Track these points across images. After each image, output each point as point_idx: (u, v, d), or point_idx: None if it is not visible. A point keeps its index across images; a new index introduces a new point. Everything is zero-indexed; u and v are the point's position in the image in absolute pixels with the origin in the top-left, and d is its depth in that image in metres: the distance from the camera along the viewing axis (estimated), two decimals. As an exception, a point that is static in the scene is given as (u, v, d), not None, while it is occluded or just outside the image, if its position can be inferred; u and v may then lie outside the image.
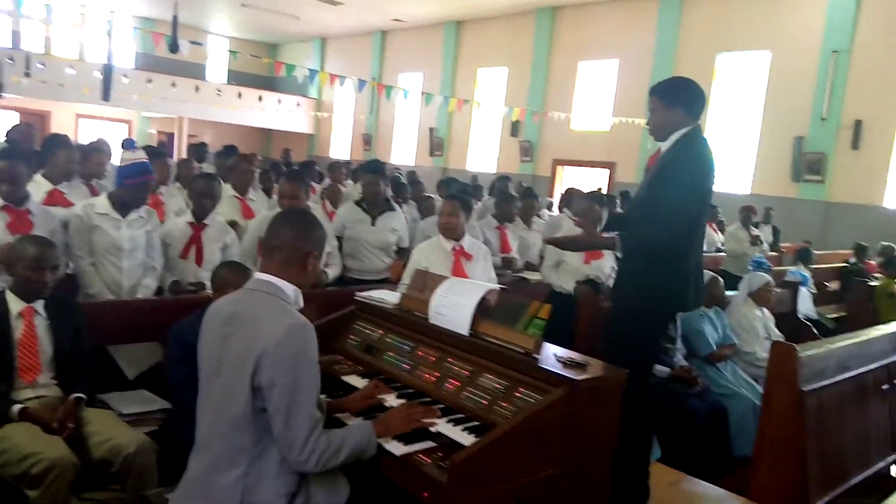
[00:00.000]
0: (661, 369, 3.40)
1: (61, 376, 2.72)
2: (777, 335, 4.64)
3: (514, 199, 5.82)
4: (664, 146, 2.71)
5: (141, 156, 3.60)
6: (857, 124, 9.93)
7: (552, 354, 2.21)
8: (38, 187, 3.98)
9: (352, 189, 7.17)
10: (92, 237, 3.47)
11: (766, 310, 4.70)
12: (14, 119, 13.50)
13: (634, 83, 12.09)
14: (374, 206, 4.74)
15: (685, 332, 4.10)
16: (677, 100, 2.66)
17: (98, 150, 5.08)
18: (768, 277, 4.75)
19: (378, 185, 4.75)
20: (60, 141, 4.60)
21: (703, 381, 4.00)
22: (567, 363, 2.13)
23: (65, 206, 3.98)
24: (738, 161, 11.42)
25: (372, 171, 4.90)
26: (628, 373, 2.18)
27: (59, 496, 2.28)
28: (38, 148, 4.69)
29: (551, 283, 4.72)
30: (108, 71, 7.25)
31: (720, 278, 4.59)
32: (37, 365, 2.66)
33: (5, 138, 5.77)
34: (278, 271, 1.96)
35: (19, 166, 3.23)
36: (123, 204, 3.55)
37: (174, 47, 6.55)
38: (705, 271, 3.25)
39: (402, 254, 4.79)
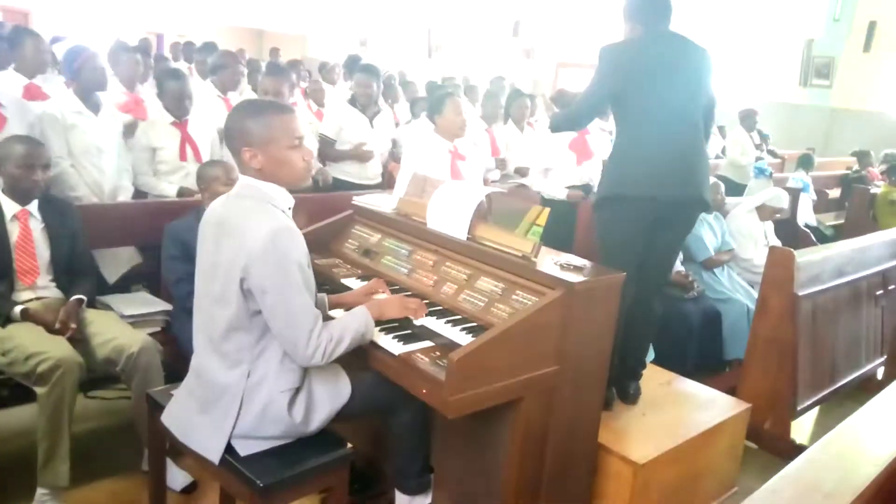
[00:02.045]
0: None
1: (60, 278, 2.74)
2: (776, 242, 4.65)
3: (496, 100, 5.69)
4: None
5: (72, 44, 3.51)
6: (871, 26, 9.58)
7: (550, 258, 2.21)
8: (12, 82, 3.86)
9: (339, 88, 6.96)
10: (69, 137, 3.34)
11: (766, 219, 4.70)
12: (-4, 17, 12.95)
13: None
14: (368, 107, 4.63)
15: (683, 237, 4.10)
16: (631, 14, 2.80)
17: (33, 35, 4.79)
18: (786, 205, 4.70)
19: (371, 85, 4.62)
20: (26, 31, 4.39)
21: (699, 286, 4.04)
22: (564, 266, 2.12)
23: (43, 99, 3.85)
24: (744, 65, 11.08)
25: (365, 70, 4.76)
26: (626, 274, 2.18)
27: (66, 393, 2.34)
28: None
29: (540, 190, 4.61)
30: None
31: (721, 184, 4.56)
32: (35, 267, 2.67)
33: None
34: (249, 172, 1.90)
35: None
36: (86, 93, 3.41)
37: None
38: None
39: (395, 154, 4.74)
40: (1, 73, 4.03)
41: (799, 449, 3.17)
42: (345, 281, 2.53)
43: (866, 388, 3.72)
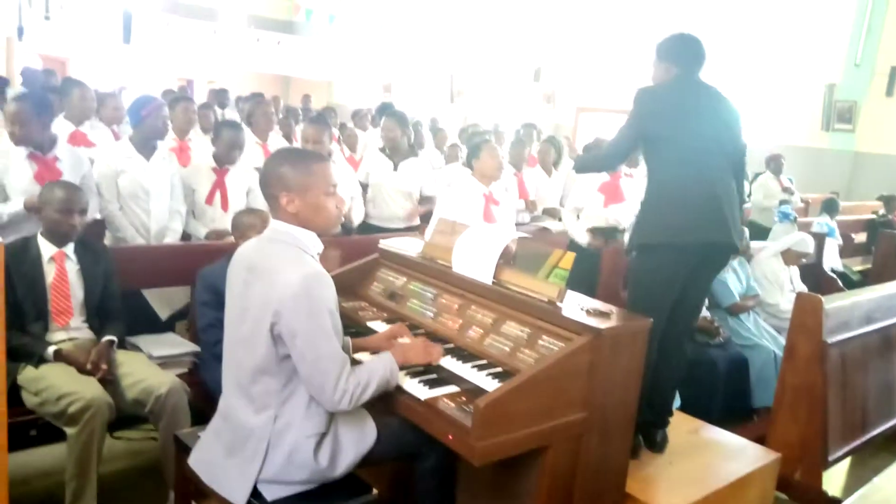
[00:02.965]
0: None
1: (92, 319, 2.80)
2: (802, 287, 4.60)
3: (524, 144, 5.80)
4: None
5: (139, 94, 3.66)
6: (893, 70, 9.59)
7: (575, 303, 2.22)
8: (60, 129, 4.03)
9: (371, 134, 7.14)
10: (118, 182, 3.51)
11: (792, 264, 4.66)
12: (36, 65, 13.47)
13: (660, 27, 11.73)
14: (396, 152, 4.73)
15: (708, 282, 4.08)
16: (667, 54, 2.82)
17: (112, 95, 5.11)
18: (811, 249, 4.66)
19: (395, 130, 4.74)
20: (74, 81, 4.62)
21: (724, 332, 4.00)
22: (590, 312, 2.13)
23: (87, 146, 4.03)
24: (765, 109, 11.12)
25: (390, 116, 4.88)
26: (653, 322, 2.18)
27: (95, 434, 2.37)
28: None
29: (570, 232, 4.65)
30: (127, 15, 7.17)
31: (745, 229, 4.54)
32: (69, 308, 2.73)
33: (21, 82, 5.77)
34: (278, 217, 1.95)
35: (29, 106, 3.10)
36: (145, 141, 3.57)
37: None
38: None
39: (425, 201, 4.80)
40: None
41: (831, 501, 3.09)
42: (370, 324, 2.55)
43: (900, 439, 3.62)
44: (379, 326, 2.51)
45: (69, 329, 2.73)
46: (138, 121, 3.58)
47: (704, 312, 4.00)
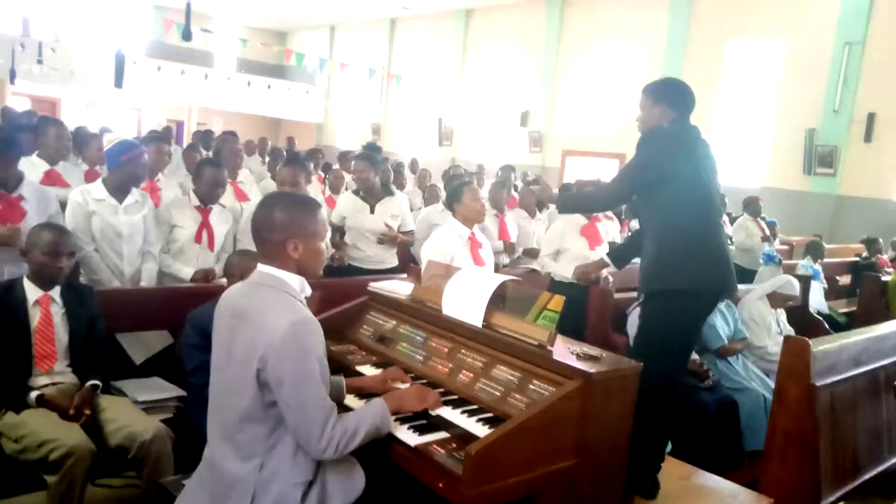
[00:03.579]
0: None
1: (76, 364, 2.76)
2: (789, 330, 4.63)
3: (503, 185, 5.86)
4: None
5: (119, 136, 3.63)
6: (871, 117, 9.84)
7: (566, 347, 2.21)
8: (34, 168, 4.01)
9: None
10: (90, 223, 3.44)
11: (779, 307, 4.69)
12: (26, 106, 13.52)
13: (645, 72, 12.01)
14: (370, 193, 4.69)
15: (696, 325, 4.10)
16: (663, 97, 2.84)
17: (96, 136, 5.10)
18: (797, 292, 4.70)
19: (367, 171, 4.65)
20: (50, 120, 4.60)
21: (713, 375, 4.00)
22: (581, 356, 2.13)
23: (62, 186, 3.96)
24: (748, 153, 11.35)
25: (361, 158, 4.86)
26: (654, 367, 2.18)
27: (76, 482, 2.31)
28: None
29: (550, 271, 4.67)
30: (119, 59, 7.23)
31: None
32: (52, 353, 2.69)
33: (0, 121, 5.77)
34: (272, 262, 1.94)
35: None
36: (120, 186, 3.52)
37: (187, 35, 6.53)
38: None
39: (406, 236, 4.79)
40: (24, 160, 4.14)
41: (825, 548, 3.05)
42: (360, 368, 2.52)
43: (893, 483, 3.60)
44: (368, 371, 2.49)
45: (52, 374, 2.69)
46: (117, 165, 3.50)
47: (693, 355, 4.00)
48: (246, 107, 17.15)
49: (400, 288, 2.92)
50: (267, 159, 8.46)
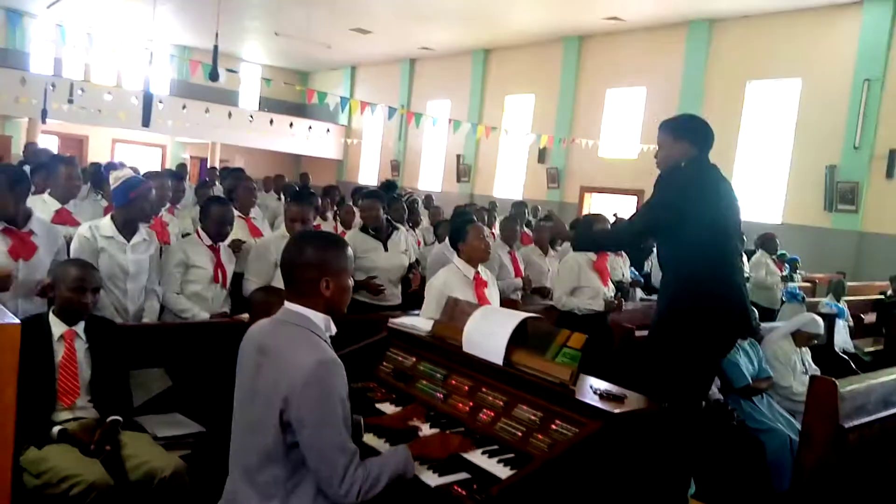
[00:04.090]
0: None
1: (98, 399, 2.76)
2: (814, 369, 4.54)
3: (515, 221, 5.87)
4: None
5: (128, 172, 3.64)
6: (892, 154, 9.78)
7: (588, 386, 2.19)
8: (45, 206, 4.01)
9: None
10: (97, 260, 3.35)
11: (803, 346, 4.62)
12: (54, 143, 13.88)
13: (662, 111, 12.02)
14: (379, 230, 4.67)
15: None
16: (683, 133, 2.85)
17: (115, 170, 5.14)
18: (822, 330, 4.63)
19: (375, 208, 4.66)
20: (62, 159, 4.59)
21: (738, 415, 3.92)
22: (604, 395, 2.10)
23: (73, 224, 3.95)
24: (768, 190, 11.29)
25: (370, 196, 4.87)
26: (673, 404, 2.15)
27: (95, 519, 2.30)
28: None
29: (571, 308, 4.54)
30: (147, 98, 7.42)
31: (754, 309, 4.52)
32: (75, 388, 2.71)
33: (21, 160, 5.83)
34: (301, 299, 1.94)
35: (2, 180, 3.00)
36: (128, 223, 3.48)
37: (214, 76, 6.70)
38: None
39: (413, 267, 4.79)
40: (34, 197, 3.98)
41: None
42: (379, 406, 2.51)
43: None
44: (387, 408, 2.48)
45: (75, 409, 2.70)
46: (125, 202, 3.47)
47: (717, 395, 3.94)
48: (268, 144, 17.45)
49: (419, 324, 2.92)
50: (282, 196, 8.54)
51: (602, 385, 2.22)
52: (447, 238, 4.43)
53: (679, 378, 2.63)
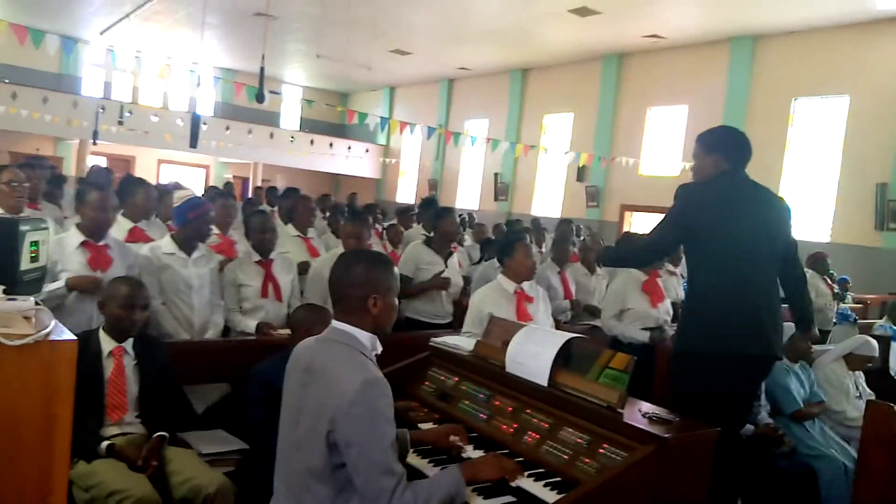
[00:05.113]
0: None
1: (145, 414, 2.80)
2: (868, 394, 4.37)
3: (567, 240, 5.80)
4: None
5: (189, 193, 3.77)
6: (947, 172, 9.47)
7: (636, 409, 2.14)
8: (118, 226, 4.17)
9: (414, 231, 7.26)
10: (161, 278, 3.54)
11: (856, 369, 4.45)
12: (103, 164, 14.31)
13: (705, 128, 11.87)
14: (444, 247, 4.75)
15: (769, 387, 3.91)
16: (717, 146, 2.76)
17: (170, 192, 5.30)
18: (876, 353, 4.47)
19: (455, 224, 4.83)
20: (138, 181, 4.80)
21: (789, 441, 3.79)
22: (653, 419, 2.05)
23: (146, 241, 4.13)
24: (816, 208, 11.01)
25: (450, 212, 4.96)
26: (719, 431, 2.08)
27: (142, 534, 2.32)
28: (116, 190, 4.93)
29: (616, 333, 4.45)
30: (195, 120, 7.63)
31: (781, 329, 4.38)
32: (124, 404, 2.75)
33: (85, 180, 6.09)
34: (349, 317, 1.94)
35: (113, 196, 3.34)
36: (188, 241, 3.63)
37: (260, 98, 6.89)
38: (788, 324, 3.12)
39: (467, 291, 4.82)
40: None
41: None
42: (422, 426, 2.49)
43: None
44: (429, 427, 2.45)
45: (122, 424, 2.74)
46: (184, 222, 3.65)
47: (767, 419, 3.81)
48: (308, 164, 17.73)
49: (462, 343, 2.90)
50: (327, 214, 8.67)
51: (650, 408, 2.17)
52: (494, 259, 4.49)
53: (702, 408, 2.53)
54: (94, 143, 13.03)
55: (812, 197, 11.10)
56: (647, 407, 2.18)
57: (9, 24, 7.37)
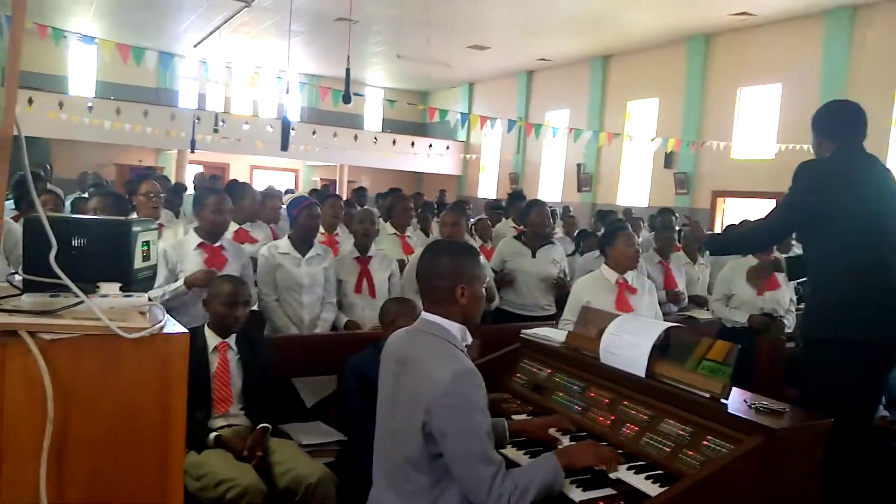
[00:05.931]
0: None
1: (249, 407, 2.93)
2: None
3: (671, 230, 5.60)
4: None
5: (294, 194, 3.99)
6: None
7: (741, 399, 2.05)
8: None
9: (503, 226, 7.25)
10: (276, 275, 3.75)
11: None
12: (199, 171, 15.06)
13: (801, 108, 11.22)
14: (534, 239, 4.76)
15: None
16: (821, 128, 2.67)
17: (271, 195, 5.57)
18: None
19: (545, 217, 4.82)
20: (243, 187, 5.12)
21: (909, 435, 3.53)
22: (761, 409, 1.95)
23: (251, 243, 4.41)
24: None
25: (542, 206, 4.96)
26: (834, 423, 1.96)
27: (249, 522, 2.42)
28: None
29: (722, 317, 4.45)
30: (285, 125, 7.93)
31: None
32: (229, 396, 2.88)
33: (194, 186, 6.47)
34: (438, 309, 1.95)
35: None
36: (301, 240, 3.83)
37: (347, 99, 7.15)
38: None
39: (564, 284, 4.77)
40: None
41: None
42: (515, 418, 2.48)
43: None
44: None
45: (228, 416, 2.87)
46: (292, 220, 3.91)
47: (883, 411, 3.57)
48: (391, 163, 18.02)
49: (553, 335, 2.87)
50: (419, 212, 8.83)
51: (756, 398, 2.07)
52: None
53: (834, 398, 2.39)
54: (192, 152, 13.71)
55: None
56: (751, 397, 2.09)
57: (115, 44, 7.86)
